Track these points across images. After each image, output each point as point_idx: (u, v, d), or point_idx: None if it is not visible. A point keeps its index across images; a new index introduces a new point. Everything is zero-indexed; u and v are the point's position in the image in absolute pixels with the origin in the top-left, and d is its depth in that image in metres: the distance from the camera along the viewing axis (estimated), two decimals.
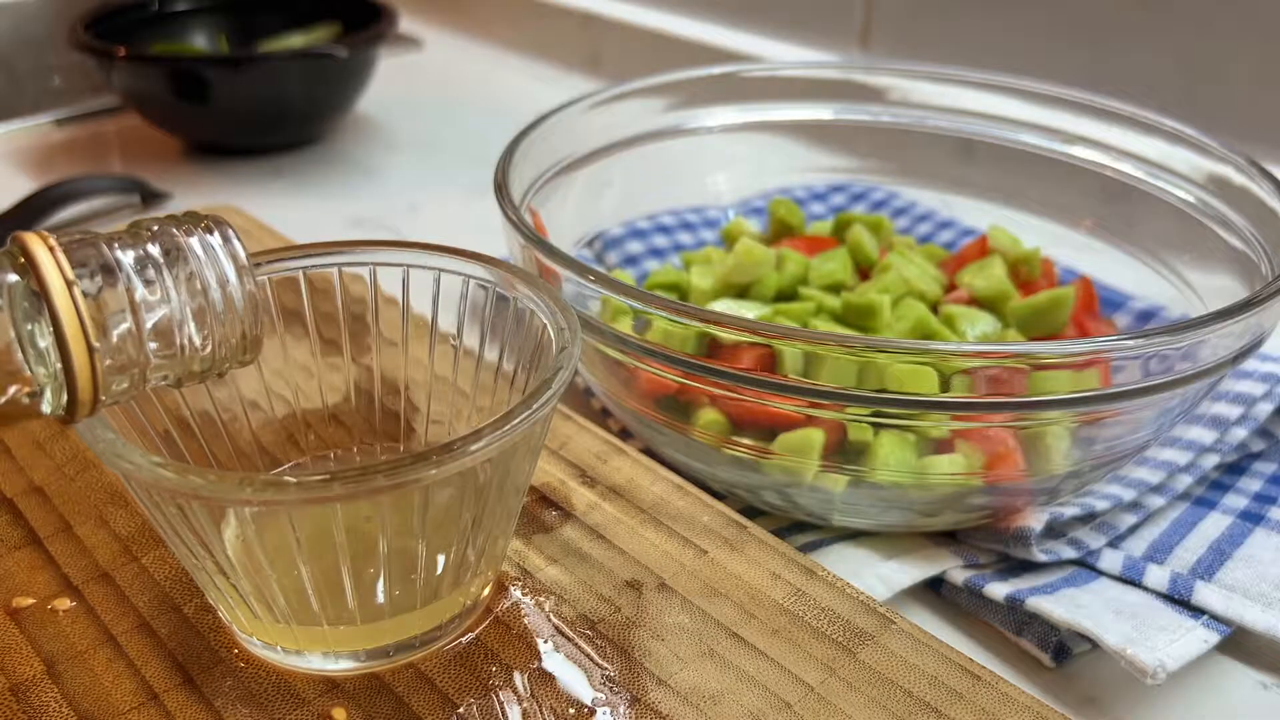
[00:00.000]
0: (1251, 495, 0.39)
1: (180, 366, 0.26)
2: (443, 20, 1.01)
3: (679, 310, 0.33)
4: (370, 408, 0.36)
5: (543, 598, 0.32)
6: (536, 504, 0.36)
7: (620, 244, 0.54)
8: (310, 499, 0.25)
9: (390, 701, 0.28)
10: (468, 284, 0.33)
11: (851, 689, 0.29)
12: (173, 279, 0.25)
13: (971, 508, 0.36)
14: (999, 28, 0.68)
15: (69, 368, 0.23)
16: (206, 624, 0.31)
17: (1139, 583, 0.35)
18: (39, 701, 0.28)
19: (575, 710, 0.28)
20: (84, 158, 0.73)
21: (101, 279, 0.24)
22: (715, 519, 0.35)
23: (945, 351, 0.31)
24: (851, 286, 0.46)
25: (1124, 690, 0.33)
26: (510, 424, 0.26)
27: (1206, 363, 0.33)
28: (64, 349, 0.23)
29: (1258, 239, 0.40)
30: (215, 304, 0.25)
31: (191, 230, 0.26)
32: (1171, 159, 0.46)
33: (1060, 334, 0.43)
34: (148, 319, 0.24)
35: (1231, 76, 0.60)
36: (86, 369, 0.23)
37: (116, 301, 0.24)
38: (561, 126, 0.47)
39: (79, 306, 0.23)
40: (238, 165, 0.72)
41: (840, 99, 0.54)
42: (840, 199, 0.59)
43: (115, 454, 0.25)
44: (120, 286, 0.24)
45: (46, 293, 0.23)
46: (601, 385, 0.40)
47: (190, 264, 0.25)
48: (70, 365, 0.23)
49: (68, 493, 0.36)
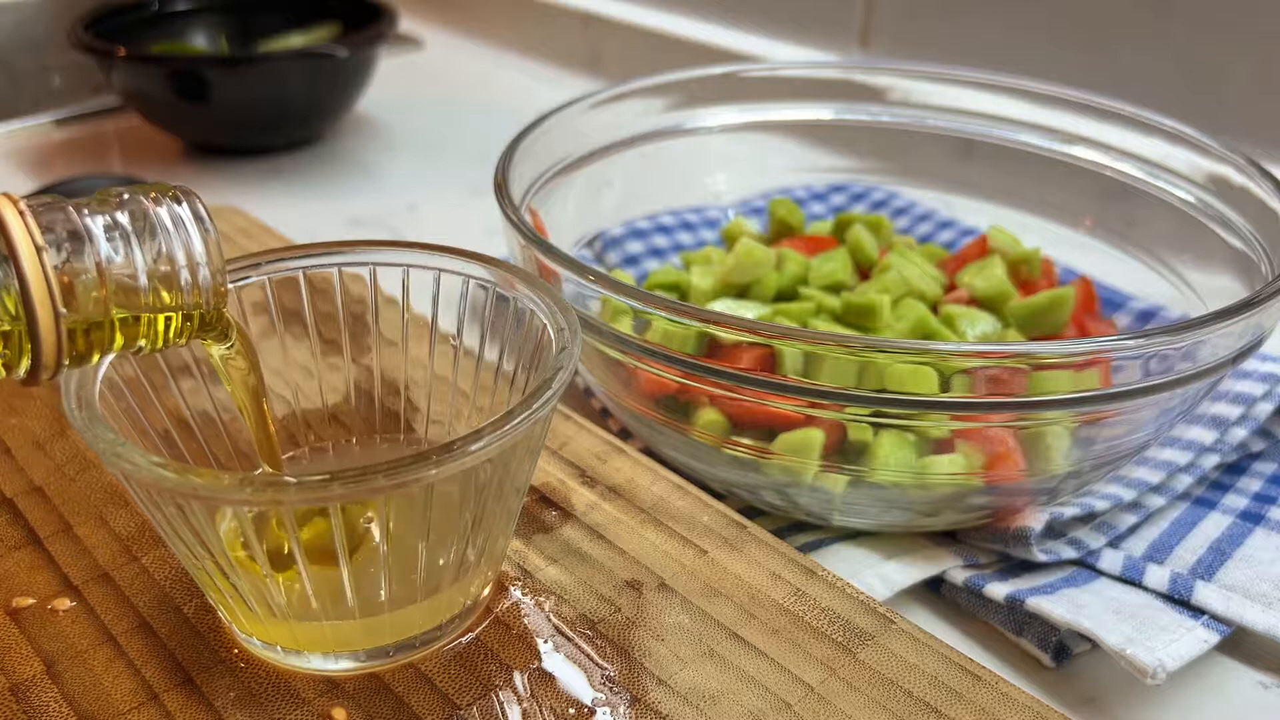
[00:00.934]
0: (1251, 495, 0.39)
1: (149, 337, 0.26)
2: (443, 20, 1.01)
3: (679, 310, 0.33)
4: (370, 408, 0.36)
5: (543, 598, 0.32)
6: (536, 504, 0.36)
7: (620, 244, 0.54)
8: (310, 499, 0.25)
9: (390, 701, 0.28)
10: (468, 284, 0.33)
11: (851, 689, 0.29)
12: (140, 246, 0.25)
13: (971, 508, 0.36)
14: (999, 28, 0.68)
15: (34, 332, 0.23)
16: (206, 624, 0.31)
17: (1139, 583, 0.35)
18: (39, 701, 0.28)
19: (575, 710, 0.28)
20: (84, 158, 0.73)
21: (69, 244, 0.24)
22: (715, 519, 0.35)
23: (945, 351, 0.31)
24: (851, 286, 0.46)
25: (1124, 690, 0.33)
26: (510, 424, 0.26)
27: (1206, 363, 0.33)
28: (30, 313, 0.23)
29: (1258, 239, 0.40)
30: (181, 272, 0.25)
31: (160, 200, 0.26)
32: (1171, 159, 0.46)
33: (1060, 334, 0.43)
34: (114, 284, 0.24)
35: (1231, 76, 0.60)
36: (51, 334, 0.23)
37: (84, 267, 0.24)
38: (561, 126, 0.47)
39: (46, 272, 0.23)
40: (238, 165, 0.72)
41: (840, 99, 0.54)
42: (840, 199, 0.59)
43: (115, 454, 0.25)
44: (88, 252, 0.24)
45: (15, 257, 0.23)
46: (601, 385, 0.40)
47: (158, 233, 0.25)
48: (35, 330, 0.23)
49: (68, 493, 0.36)
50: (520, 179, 0.43)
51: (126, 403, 0.29)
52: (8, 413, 0.40)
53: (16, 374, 0.24)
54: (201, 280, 0.26)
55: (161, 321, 0.26)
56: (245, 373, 0.30)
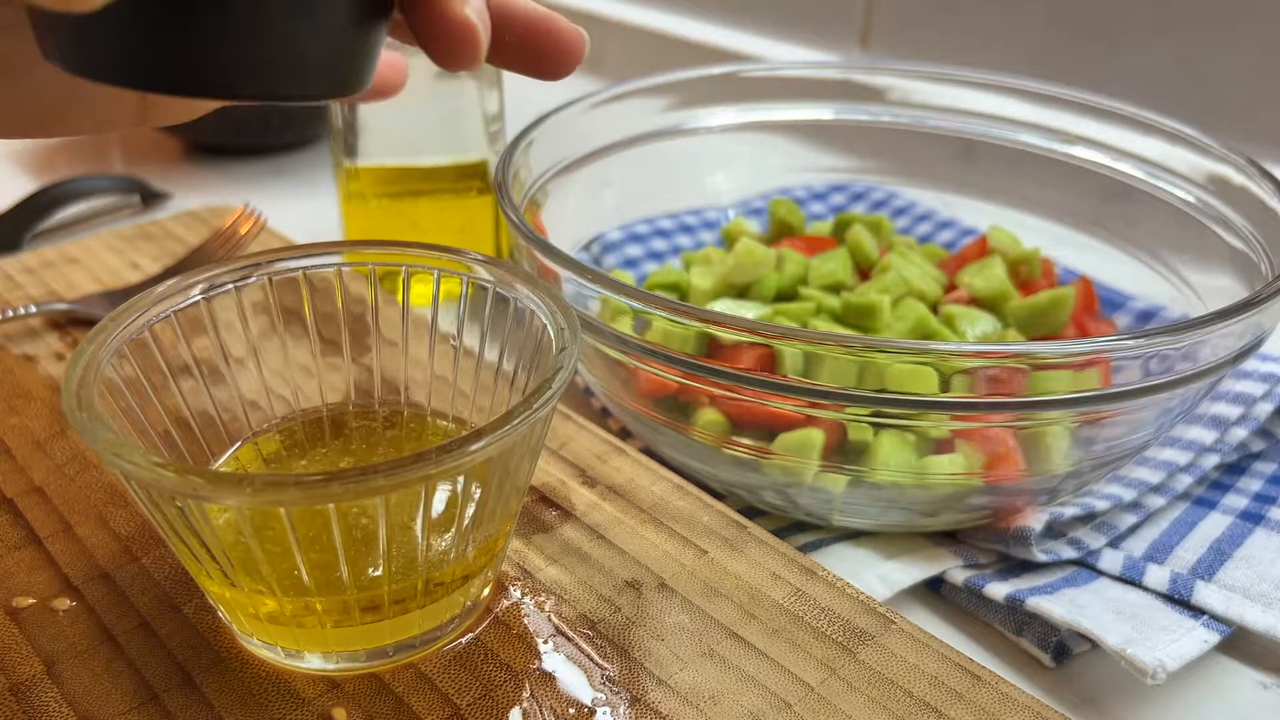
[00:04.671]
0: (1251, 495, 0.39)
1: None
2: None
3: (679, 310, 0.33)
4: (370, 408, 0.36)
5: (543, 598, 0.32)
6: (536, 504, 0.36)
7: (618, 248, 0.54)
8: (309, 499, 0.25)
9: (390, 701, 0.28)
10: (468, 284, 0.33)
11: (851, 689, 0.29)
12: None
13: (971, 508, 0.36)
14: (999, 28, 0.69)
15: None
16: (206, 624, 0.31)
17: (1139, 583, 0.35)
18: (39, 701, 0.28)
19: (575, 710, 0.28)
20: (84, 158, 0.73)
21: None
22: (715, 519, 0.35)
23: (945, 351, 0.31)
24: (851, 286, 0.46)
25: (1124, 690, 0.33)
26: (510, 424, 0.26)
27: (1206, 363, 0.33)
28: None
29: (1258, 239, 0.40)
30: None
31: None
32: (1171, 159, 0.46)
33: (1060, 334, 0.43)
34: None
35: (1231, 76, 0.60)
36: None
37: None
38: (561, 126, 0.47)
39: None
40: (238, 165, 0.72)
41: (840, 99, 0.54)
42: (840, 199, 0.59)
43: (115, 454, 0.25)
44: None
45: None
46: (601, 385, 0.40)
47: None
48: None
49: (68, 493, 0.36)
50: (520, 179, 0.43)
51: (126, 403, 0.29)
52: (8, 413, 0.40)
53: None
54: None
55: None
56: None
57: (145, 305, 0.31)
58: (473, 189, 0.53)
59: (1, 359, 0.44)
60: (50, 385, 0.42)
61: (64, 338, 0.46)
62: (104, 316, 0.30)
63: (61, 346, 0.45)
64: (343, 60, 0.24)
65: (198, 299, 0.32)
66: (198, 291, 0.32)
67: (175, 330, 0.32)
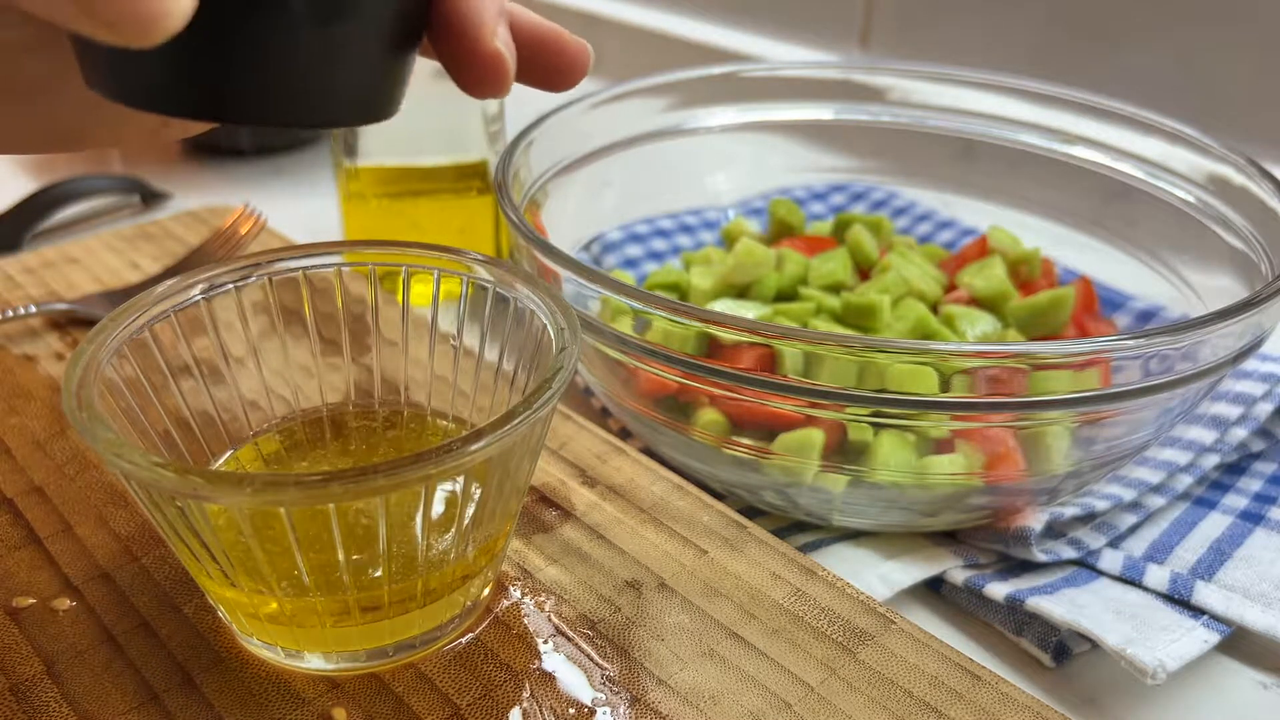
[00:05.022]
0: (1251, 495, 0.39)
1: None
2: None
3: (679, 310, 0.33)
4: (370, 407, 0.36)
5: (543, 598, 0.32)
6: (536, 504, 0.36)
7: (618, 248, 0.54)
8: (309, 499, 0.25)
9: (390, 701, 0.28)
10: (468, 284, 0.33)
11: (851, 689, 0.29)
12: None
13: (971, 508, 0.36)
14: (999, 28, 0.69)
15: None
16: (206, 624, 0.31)
17: (1139, 583, 0.35)
18: (39, 701, 0.28)
19: (575, 710, 0.28)
20: (84, 158, 0.73)
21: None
22: (715, 519, 0.35)
23: (945, 351, 0.31)
24: (851, 286, 0.46)
25: (1124, 690, 0.33)
26: (510, 424, 0.26)
27: (1206, 363, 0.33)
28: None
29: (1258, 239, 0.40)
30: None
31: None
32: (1171, 159, 0.46)
33: (1060, 334, 0.43)
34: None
35: (1231, 76, 0.60)
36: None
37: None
38: (561, 126, 0.47)
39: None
40: (238, 165, 0.72)
41: (840, 99, 0.54)
42: (840, 199, 0.59)
43: (115, 454, 0.25)
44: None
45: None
46: (601, 385, 0.40)
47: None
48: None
49: (68, 493, 0.36)
50: (520, 179, 0.43)
51: (126, 403, 0.29)
52: (8, 413, 0.40)
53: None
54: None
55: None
56: None
57: (145, 305, 0.31)
58: (473, 189, 0.53)
59: (1, 359, 0.44)
60: (50, 385, 0.42)
61: (64, 338, 0.46)
62: (104, 316, 0.30)
63: (61, 346, 0.45)
64: (378, 89, 0.25)
65: (198, 299, 0.32)
66: (198, 291, 0.32)
67: (175, 330, 0.32)
